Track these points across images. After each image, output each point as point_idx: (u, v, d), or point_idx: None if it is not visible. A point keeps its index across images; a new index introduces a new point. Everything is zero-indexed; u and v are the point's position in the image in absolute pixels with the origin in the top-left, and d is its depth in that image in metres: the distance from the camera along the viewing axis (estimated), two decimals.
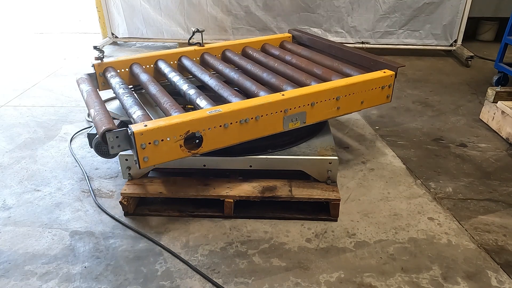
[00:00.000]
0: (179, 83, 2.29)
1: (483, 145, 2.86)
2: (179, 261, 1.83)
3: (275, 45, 3.10)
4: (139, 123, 1.76)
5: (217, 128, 1.85)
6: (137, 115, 1.90)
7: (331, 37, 4.88)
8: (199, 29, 2.77)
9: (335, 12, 4.83)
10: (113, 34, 5.28)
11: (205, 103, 2.00)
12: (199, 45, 2.86)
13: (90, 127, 2.88)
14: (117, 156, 2.07)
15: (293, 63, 2.65)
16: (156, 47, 5.24)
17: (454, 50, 4.86)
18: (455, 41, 4.83)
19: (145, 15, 5.06)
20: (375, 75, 2.30)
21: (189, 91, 2.15)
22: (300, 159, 2.13)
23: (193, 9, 4.96)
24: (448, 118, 3.28)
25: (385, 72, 2.33)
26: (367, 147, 2.81)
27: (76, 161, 2.62)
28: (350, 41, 4.93)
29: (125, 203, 2.07)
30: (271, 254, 1.87)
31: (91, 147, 1.95)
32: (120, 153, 2.08)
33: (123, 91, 2.20)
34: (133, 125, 1.71)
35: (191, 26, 5.03)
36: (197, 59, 2.83)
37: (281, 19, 4.94)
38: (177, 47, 4.07)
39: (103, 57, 2.53)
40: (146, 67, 2.69)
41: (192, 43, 2.85)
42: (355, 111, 2.42)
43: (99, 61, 2.52)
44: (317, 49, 2.94)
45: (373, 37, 4.92)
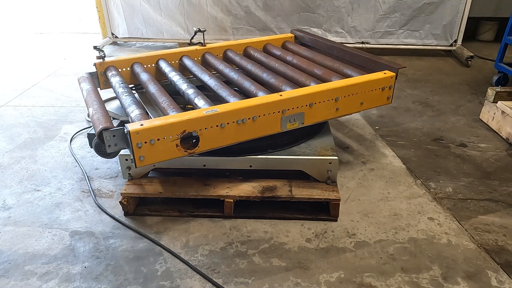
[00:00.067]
0: (179, 83, 2.29)
1: (483, 145, 2.86)
2: (179, 261, 1.83)
3: (277, 45, 3.10)
4: (136, 122, 1.76)
5: (213, 128, 1.85)
6: (135, 114, 1.90)
7: (331, 37, 4.88)
8: (201, 29, 2.77)
9: (335, 12, 4.83)
10: (113, 34, 5.28)
11: (203, 102, 1.99)
12: (201, 45, 2.86)
13: (90, 127, 2.89)
14: (117, 156, 2.07)
15: (294, 64, 2.65)
16: (156, 47, 5.23)
17: (454, 50, 4.86)
18: (455, 41, 4.83)
19: (145, 15, 5.06)
20: (375, 76, 2.28)
21: (188, 91, 2.15)
22: (300, 159, 2.13)
23: (193, 9, 4.96)
24: (448, 118, 3.28)
25: (385, 73, 2.32)
26: (367, 147, 2.81)
27: (76, 161, 2.62)
28: (350, 41, 4.92)
29: (125, 203, 2.07)
30: (271, 254, 1.87)
31: (91, 147, 1.96)
32: (120, 153, 2.08)
33: (123, 90, 2.20)
34: (129, 124, 1.72)
35: (191, 26, 5.03)
36: (198, 59, 2.83)
37: (281, 19, 4.93)
38: (177, 47, 4.06)
39: (105, 56, 2.54)
40: (147, 66, 2.69)
41: (193, 43, 2.86)
42: (354, 112, 2.41)
43: (101, 60, 2.53)
44: (319, 50, 2.94)
45: (373, 37, 4.92)
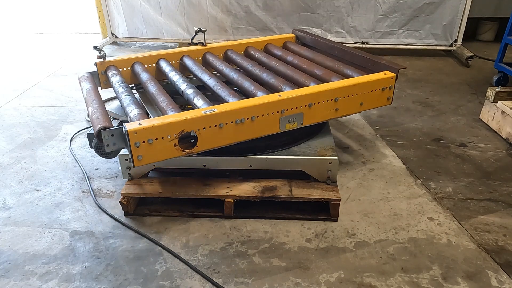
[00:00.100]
0: (179, 83, 2.29)
1: (483, 145, 2.86)
2: (179, 261, 1.83)
3: (278, 45, 3.09)
4: (134, 121, 1.77)
5: (212, 128, 1.85)
6: (134, 114, 1.91)
7: (331, 37, 4.88)
8: (202, 29, 2.78)
9: (335, 12, 4.83)
10: (113, 34, 5.28)
11: (201, 102, 2.00)
12: (202, 45, 2.87)
13: (90, 127, 2.88)
14: (117, 156, 2.07)
15: (295, 64, 2.64)
16: (156, 47, 5.23)
17: (454, 50, 4.86)
18: (455, 41, 4.83)
19: (145, 15, 5.06)
20: (375, 77, 2.28)
21: (187, 91, 2.16)
22: (300, 159, 2.13)
23: (193, 9, 4.96)
24: (448, 118, 3.28)
25: (385, 74, 2.30)
26: (367, 147, 2.81)
27: (76, 161, 2.62)
28: (350, 41, 4.92)
29: (125, 203, 2.07)
30: (271, 254, 1.87)
31: (91, 147, 1.96)
32: (120, 153, 2.08)
33: (122, 90, 2.20)
34: (127, 124, 1.73)
35: (191, 26, 5.03)
36: (199, 58, 2.84)
37: (281, 19, 4.93)
38: (177, 47, 4.07)
39: (105, 56, 2.55)
40: (148, 66, 2.70)
41: (194, 43, 2.86)
42: (354, 113, 2.40)
43: (102, 60, 2.54)
44: (320, 50, 2.93)
45: (373, 37, 4.92)
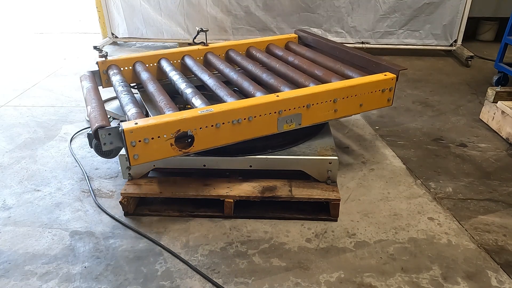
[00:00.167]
0: (178, 82, 2.30)
1: (483, 145, 2.86)
2: (179, 261, 1.83)
3: (281, 45, 3.09)
4: (131, 120, 1.77)
5: (208, 127, 1.85)
6: (131, 113, 1.91)
7: (331, 37, 4.88)
8: (203, 28, 2.78)
9: (335, 12, 4.83)
10: (113, 34, 5.28)
11: (199, 102, 2.00)
12: (203, 45, 2.87)
13: (90, 127, 2.89)
14: (117, 156, 2.07)
15: (295, 64, 2.64)
16: (156, 47, 5.24)
17: (454, 50, 4.86)
18: (455, 41, 4.83)
19: (145, 15, 5.06)
20: (374, 78, 2.26)
21: (186, 90, 2.16)
22: (300, 159, 2.13)
23: (193, 9, 4.96)
24: (448, 118, 3.28)
25: (386, 75, 2.29)
26: (367, 147, 2.81)
27: (76, 161, 2.62)
28: (350, 41, 4.93)
29: (125, 203, 2.07)
30: (271, 254, 1.87)
31: (91, 147, 1.96)
32: (120, 153, 2.08)
33: (122, 89, 2.21)
34: (124, 123, 1.73)
35: (191, 26, 5.04)
36: (200, 58, 2.84)
37: (281, 19, 4.93)
38: (177, 47, 4.08)
39: (107, 55, 2.55)
40: (149, 65, 2.70)
41: (196, 43, 2.86)
42: (354, 114, 2.39)
43: (103, 59, 2.55)
44: (322, 51, 2.93)
45: (373, 37, 4.92)
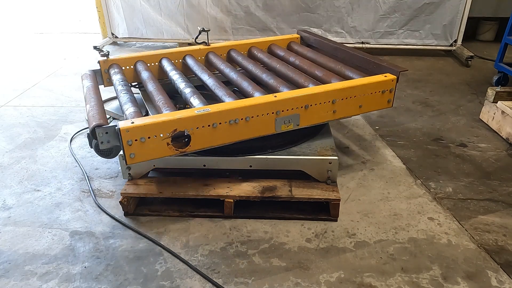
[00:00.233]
0: (178, 82, 2.30)
1: (483, 145, 2.86)
2: (179, 261, 1.83)
3: (283, 46, 3.08)
4: (128, 119, 1.78)
5: (205, 127, 1.85)
6: (129, 112, 1.92)
7: (331, 37, 4.88)
8: (205, 28, 2.79)
9: (335, 12, 4.83)
10: (113, 34, 5.29)
11: (197, 102, 2.00)
12: (205, 44, 2.87)
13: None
14: (117, 156, 2.07)
15: (296, 65, 2.64)
16: (156, 47, 5.23)
17: (454, 50, 4.86)
18: (455, 41, 4.83)
19: (145, 15, 5.06)
20: (374, 79, 2.25)
21: (185, 90, 2.17)
22: (300, 159, 2.12)
23: (193, 10, 4.96)
24: (448, 118, 3.28)
25: (386, 76, 2.27)
26: (367, 147, 2.81)
27: (76, 161, 2.62)
28: (350, 41, 4.93)
29: (125, 203, 2.07)
30: (271, 254, 1.87)
31: (91, 147, 1.96)
32: (120, 153, 2.08)
33: (122, 88, 2.22)
34: (120, 122, 1.74)
35: (191, 26, 5.04)
36: (202, 58, 2.84)
37: (281, 20, 4.93)
38: (177, 47, 4.07)
39: (109, 54, 2.56)
40: (150, 65, 2.71)
41: (198, 42, 2.87)
42: (353, 115, 2.38)
43: (105, 58, 2.55)
44: (323, 51, 2.92)
45: (373, 37, 4.92)
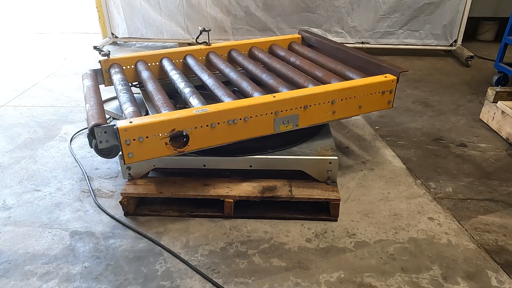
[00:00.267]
0: (177, 82, 2.31)
1: (483, 145, 2.86)
2: (179, 261, 1.83)
3: (284, 46, 3.08)
4: (126, 119, 1.78)
5: (203, 127, 1.85)
6: (128, 112, 1.92)
7: (331, 37, 4.88)
8: (206, 28, 2.79)
9: (335, 12, 4.83)
10: (113, 34, 5.29)
11: (196, 102, 2.00)
12: (206, 44, 2.88)
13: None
14: (117, 156, 2.07)
15: (297, 65, 2.64)
16: (156, 47, 5.23)
17: (454, 50, 4.86)
18: (455, 41, 4.83)
19: (145, 15, 5.06)
20: (374, 80, 2.24)
21: (184, 90, 2.17)
22: (300, 159, 2.12)
23: (193, 10, 4.96)
24: (448, 118, 3.28)
25: (386, 76, 2.26)
26: (367, 147, 2.81)
27: (76, 161, 2.62)
28: (350, 41, 4.93)
29: (125, 203, 2.07)
30: (271, 254, 1.87)
31: (91, 147, 1.96)
32: (120, 153, 2.08)
33: (121, 88, 2.22)
34: (119, 121, 1.74)
35: (191, 26, 5.04)
36: (202, 58, 2.84)
37: (281, 20, 4.93)
38: (177, 47, 4.07)
39: (110, 53, 2.57)
40: (151, 64, 2.71)
41: (199, 42, 2.87)
42: (353, 116, 2.37)
43: (106, 57, 2.56)
44: (324, 51, 2.91)
45: (373, 37, 4.92)
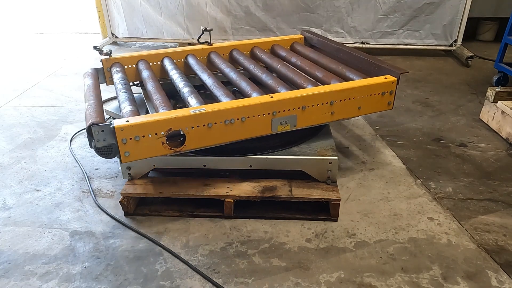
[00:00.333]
0: (177, 81, 2.31)
1: (483, 145, 2.86)
2: (179, 261, 1.83)
3: (286, 46, 3.08)
4: (123, 118, 1.79)
5: (200, 127, 1.85)
6: (126, 111, 1.92)
7: (331, 38, 4.88)
8: (207, 28, 2.79)
9: (335, 12, 4.83)
10: (113, 34, 5.29)
11: (195, 101, 2.00)
12: (207, 44, 2.88)
13: None
14: (117, 156, 2.07)
15: (297, 65, 2.64)
16: (156, 47, 5.23)
17: (454, 50, 4.86)
18: (455, 41, 4.83)
19: (145, 15, 5.06)
20: (374, 81, 2.23)
21: (184, 89, 2.17)
22: (300, 159, 2.12)
23: (193, 10, 4.96)
24: (448, 118, 3.28)
25: (386, 78, 2.25)
26: (367, 147, 2.81)
27: (76, 161, 2.62)
28: (350, 41, 4.93)
29: (125, 203, 2.07)
30: (271, 254, 1.87)
31: (91, 147, 1.96)
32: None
33: (121, 87, 2.23)
34: (115, 120, 1.74)
35: (191, 26, 5.04)
36: (204, 58, 2.85)
37: (281, 20, 4.93)
38: (177, 47, 4.08)
39: (111, 53, 2.57)
40: (153, 64, 2.71)
41: (201, 42, 2.88)
42: (352, 117, 2.35)
43: (107, 57, 2.56)
44: (326, 52, 2.91)
45: (373, 37, 4.92)
